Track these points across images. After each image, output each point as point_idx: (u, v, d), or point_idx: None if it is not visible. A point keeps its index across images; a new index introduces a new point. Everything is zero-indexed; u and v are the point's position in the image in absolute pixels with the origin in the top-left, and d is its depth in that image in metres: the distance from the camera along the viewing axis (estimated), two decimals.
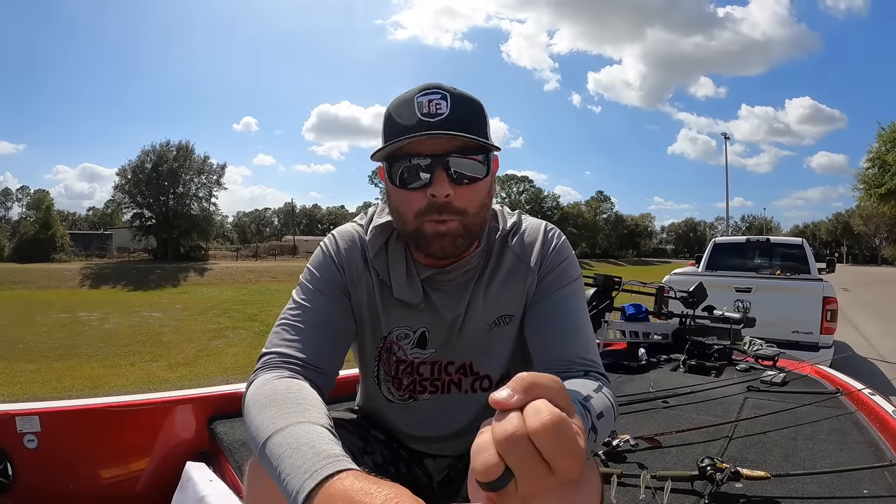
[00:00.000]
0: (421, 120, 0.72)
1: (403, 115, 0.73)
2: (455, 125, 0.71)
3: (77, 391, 5.17)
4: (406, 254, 0.84)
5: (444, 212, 0.74)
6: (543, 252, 0.86)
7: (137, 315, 11.98)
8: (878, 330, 7.66)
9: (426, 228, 0.75)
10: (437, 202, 0.73)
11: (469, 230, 0.77)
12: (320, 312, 0.80)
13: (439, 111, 0.72)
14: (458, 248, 0.77)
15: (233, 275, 24.26)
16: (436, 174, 0.72)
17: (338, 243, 0.86)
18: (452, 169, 0.73)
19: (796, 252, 5.91)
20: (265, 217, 78.52)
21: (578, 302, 0.84)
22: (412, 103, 0.73)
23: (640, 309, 2.99)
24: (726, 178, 27.84)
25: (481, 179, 0.76)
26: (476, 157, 0.74)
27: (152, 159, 33.47)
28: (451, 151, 0.72)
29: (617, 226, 70.08)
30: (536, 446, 0.39)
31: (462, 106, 0.74)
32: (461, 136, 0.71)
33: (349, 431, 0.86)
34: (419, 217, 0.75)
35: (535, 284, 0.85)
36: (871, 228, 58.00)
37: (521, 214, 0.92)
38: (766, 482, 1.15)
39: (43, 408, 1.32)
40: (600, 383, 0.73)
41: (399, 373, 0.89)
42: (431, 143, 0.72)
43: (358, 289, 0.85)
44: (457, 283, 0.85)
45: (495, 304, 0.85)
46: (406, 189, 0.75)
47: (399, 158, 0.74)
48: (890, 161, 18.26)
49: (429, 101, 0.73)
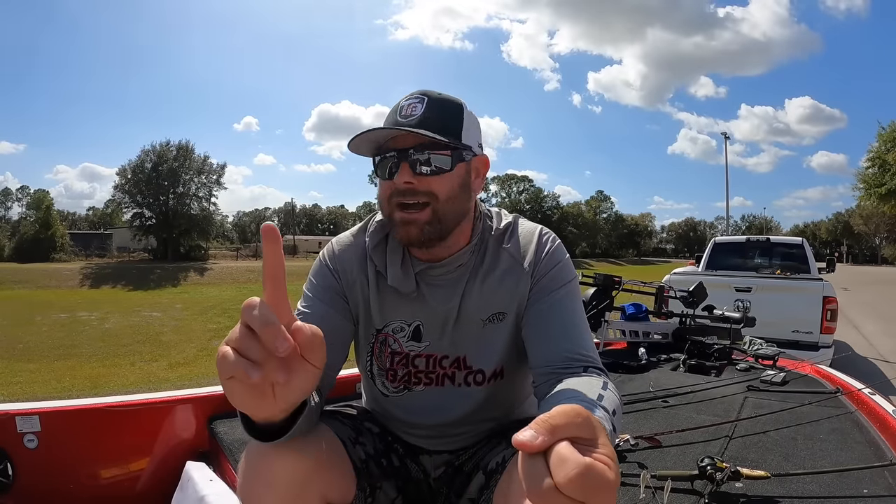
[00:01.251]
0: (396, 120, 0.82)
1: (389, 116, 0.85)
2: (422, 125, 0.80)
3: (77, 391, 5.17)
4: (403, 249, 0.90)
5: (407, 195, 0.82)
6: (537, 256, 0.89)
7: (137, 315, 11.98)
8: (878, 329, 7.66)
9: (395, 217, 0.84)
10: (399, 188, 0.82)
11: (440, 218, 0.83)
12: (317, 316, 0.86)
13: (413, 112, 0.82)
14: (426, 236, 0.83)
15: (233, 274, 24.27)
16: (400, 166, 0.82)
17: (334, 250, 0.93)
18: (414, 161, 0.82)
19: (796, 252, 5.90)
20: (265, 217, 78.43)
21: (574, 302, 0.88)
22: (398, 105, 0.84)
23: (640, 308, 2.99)
24: (726, 177, 27.83)
25: (444, 173, 0.83)
26: (441, 152, 0.82)
27: (152, 159, 33.49)
28: (413, 147, 0.81)
29: (617, 225, 70.09)
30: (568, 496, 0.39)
31: (436, 108, 0.83)
32: (420, 134, 0.80)
33: (341, 422, 0.88)
34: (390, 203, 0.84)
35: (528, 287, 0.88)
36: (871, 228, 58.01)
37: (518, 218, 0.96)
38: (766, 482, 1.15)
39: (43, 408, 1.32)
40: (604, 380, 0.74)
41: (394, 364, 0.93)
42: (401, 139, 0.82)
43: (354, 289, 0.91)
44: (449, 277, 0.90)
45: (489, 301, 0.89)
46: (382, 179, 0.85)
47: (379, 154, 0.85)
48: (890, 161, 18.24)
49: (409, 104, 0.83)
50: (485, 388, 0.91)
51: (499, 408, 0.95)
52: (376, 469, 0.87)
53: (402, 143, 0.82)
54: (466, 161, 0.86)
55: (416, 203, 0.82)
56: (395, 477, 0.92)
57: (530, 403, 1.02)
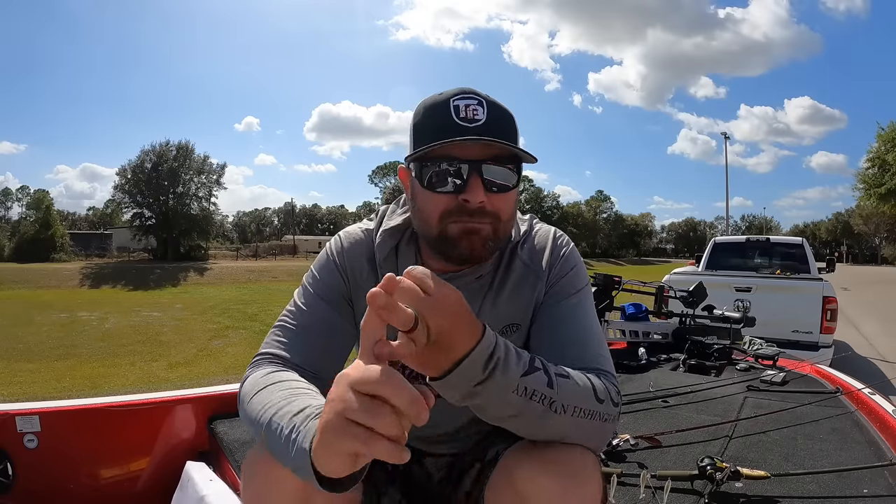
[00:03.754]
0: (458, 124, 0.71)
1: (439, 118, 0.72)
2: (492, 132, 0.71)
3: (77, 391, 5.17)
4: (417, 259, 0.83)
5: (475, 216, 0.73)
6: (552, 260, 0.85)
7: (137, 315, 11.98)
8: (878, 329, 7.66)
9: (452, 229, 0.74)
10: (468, 207, 0.72)
11: (499, 236, 0.76)
12: (317, 317, 0.80)
13: (476, 117, 0.71)
14: (487, 251, 0.76)
15: (233, 274, 24.27)
16: (471, 180, 0.71)
17: (343, 246, 0.85)
18: (486, 176, 0.72)
19: (796, 251, 5.90)
20: (265, 217, 78.57)
21: (587, 310, 0.83)
22: (447, 106, 0.72)
23: (640, 308, 2.99)
24: (726, 177, 27.85)
25: (511, 189, 0.75)
26: (509, 167, 0.74)
27: (152, 159, 33.47)
28: (487, 159, 0.72)
29: (617, 225, 70.11)
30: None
31: (498, 114, 0.74)
32: (500, 144, 0.71)
33: None
34: (444, 219, 0.74)
35: (543, 292, 0.83)
36: (871, 228, 58.00)
37: (533, 219, 0.91)
38: (765, 482, 1.15)
39: (43, 408, 1.32)
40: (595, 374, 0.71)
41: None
42: (467, 148, 0.71)
43: (362, 294, 0.83)
44: (468, 289, 0.82)
45: (503, 313, 0.84)
46: (435, 192, 0.73)
47: (432, 161, 0.73)
48: (890, 161, 18.24)
49: (465, 105, 0.72)
50: None
51: None
52: (381, 474, 0.85)
53: (470, 153, 0.71)
54: (521, 174, 0.77)
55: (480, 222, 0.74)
56: (399, 481, 0.90)
57: None
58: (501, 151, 0.72)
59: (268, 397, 0.65)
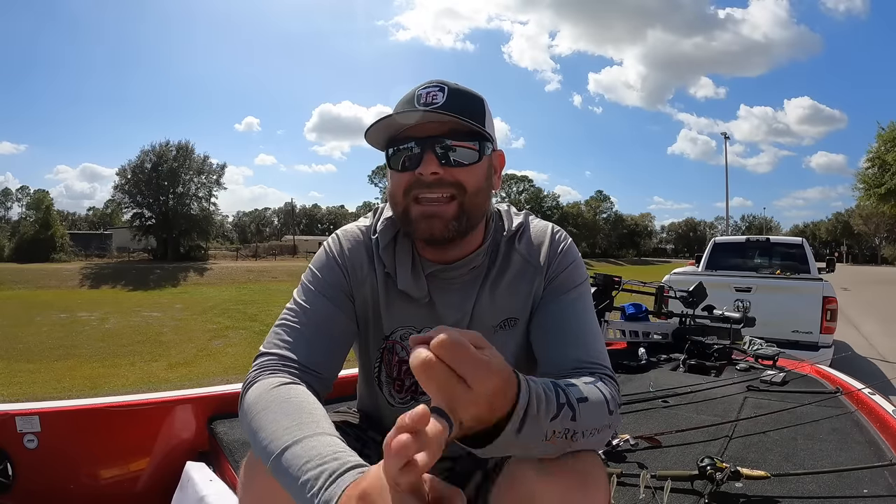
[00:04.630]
0: (415, 108, 0.76)
1: (404, 105, 0.78)
2: (447, 112, 0.75)
3: (77, 391, 5.17)
4: (413, 249, 0.85)
5: (433, 187, 0.76)
6: (551, 255, 0.85)
7: (137, 315, 11.98)
8: (878, 329, 7.66)
9: (413, 211, 0.78)
10: (423, 179, 0.76)
11: (466, 213, 0.78)
12: (321, 315, 0.80)
13: (434, 100, 0.76)
14: (451, 232, 0.78)
15: (232, 275, 24.26)
16: (425, 155, 0.76)
17: (342, 244, 0.86)
18: (440, 150, 0.76)
19: (796, 252, 5.90)
20: (265, 217, 78.54)
21: (586, 305, 0.84)
22: (413, 95, 0.78)
23: (640, 308, 2.99)
24: (726, 177, 27.85)
25: (472, 164, 0.78)
26: (466, 144, 0.77)
27: (152, 159, 33.46)
28: (440, 135, 0.76)
29: (617, 225, 70.10)
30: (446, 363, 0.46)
31: (458, 97, 0.77)
32: (449, 119, 0.74)
33: (346, 433, 0.83)
34: (406, 196, 0.78)
35: (542, 287, 0.84)
36: (871, 228, 58.00)
37: (528, 215, 0.92)
38: (765, 482, 1.15)
39: (43, 408, 1.32)
40: (598, 379, 0.72)
41: (401, 374, 0.88)
42: (425, 128, 0.76)
43: (362, 289, 0.85)
44: (462, 280, 0.85)
45: (501, 307, 0.85)
46: (398, 171, 0.79)
47: (395, 143, 0.78)
48: (890, 161, 18.23)
49: (427, 92, 0.77)
50: None
51: None
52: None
53: (425, 132, 0.76)
54: (489, 154, 0.80)
55: (439, 197, 0.76)
56: None
57: None
58: (457, 127, 0.76)
59: (279, 421, 0.63)
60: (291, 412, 0.64)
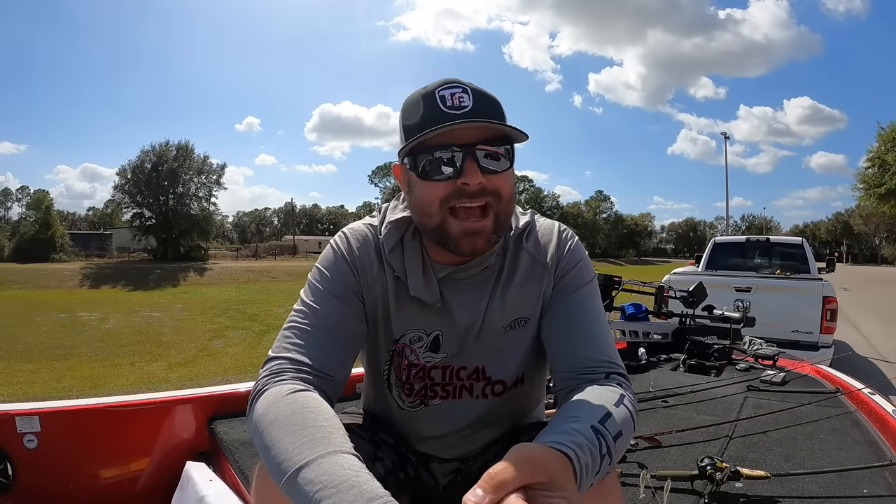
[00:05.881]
0: (446, 112, 0.72)
1: (427, 109, 0.73)
2: (479, 117, 0.72)
3: (77, 391, 5.17)
4: (422, 251, 0.82)
5: (475, 198, 0.73)
6: (559, 253, 0.85)
7: (137, 315, 11.97)
8: (878, 329, 7.66)
9: (452, 227, 0.74)
10: (468, 190, 0.73)
11: (500, 222, 0.76)
12: (331, 316, 0.78)
13: (463, 104, 0.73)
14: (492, 245, 0.77)
15: (232, 275, 24.26)
16: (467, 163, 0.72)
17: (350, 242, 0.83)
18: (480, 157, 0.73)
19: (796, 251, 5.90)
20: (265, 217, 78.57)
21: (595, 303, 0.83)
22: (433, 97, 0.73)
23: (640, 308, 2.99)
24: (726, 177, 27.88)
25: (506, 170, 0.76)
26: (500, 150, 0.75)
27: (152, 159, 33.48)
28: (479, 141, 0.73)
29: (617, 225, 70.07)
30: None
31: (483, 98, 0.75)
32: (489, 124, 0.72)
33: (359, 437, 0.80)
34: (443, 206, 0.74)
35: (551, 286, 0.84)
36: (871, 228, 58.00)
37: (535, 214, 0.91)
38: (765, 482, 1.15)
39: (43, 408, 1.32)
40: (622, 391, 0.71)
41: (411, 377, 0.87)
42: (459, 133, 0.72)
43: (373, 290, 0.83)
44: (475, 281, 0.83)
45: (511, 307, 0.84)
46: (432, 180, 0.74)
47: (425, 150, 0.73)
48: (890, 161, 18.23)
49: (451, 94, 0.73)
50: (505, 397, 0.87)
51: (514, 413, 0.92)
52: (394, 485, 0.82)
53: (461, 138, 0.72)
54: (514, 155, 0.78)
55: (476, 207, 0.74)
56: (409, 489, 0.88)
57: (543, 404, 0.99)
58: (492, 133, 0.73)
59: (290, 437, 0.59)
60: (303, 426, 0.61)
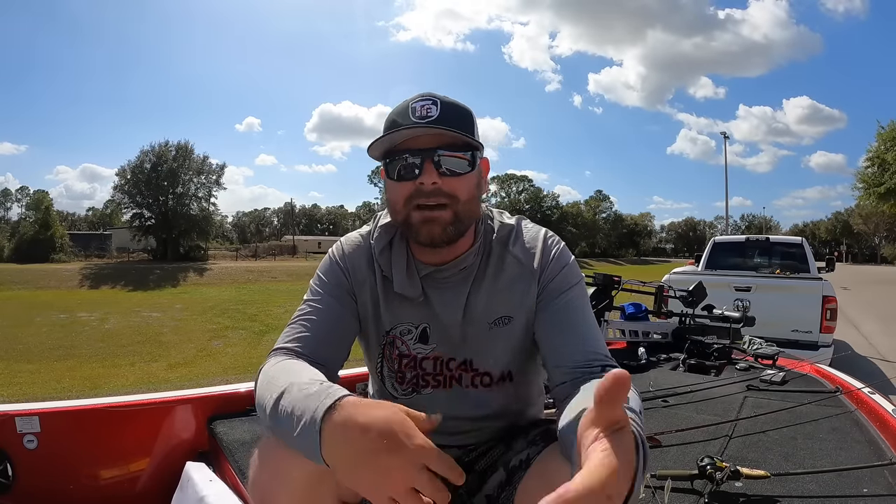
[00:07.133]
0: (412, 121, 0.82)
1: (399, 118, 0.84)
2: (443, 125, 0.81)
3: (77, 391, 5.17)
4: (408, 252, 0.91)
5: (431, 196, 0.82)
6: (545, 259, 0.90)
7: (137, 315, 11.97)
8: (878, 329, 7.66)
9: (414, 217, 0.84)
10: (424, 189, 0.82)
11: (459, 218, 0.84)
12: (327, 312, 0.88)
13: (429, 114, 0.82)
14: (448, 235, 0.84)
15: (232, 275, 24.26)
16: (424, 165, 0.82)
17: (343, 249, 0.94)
18: (438, 161, 0.82)
19: (796, 251, 5.91)
20: (265, 217, 78.57)
21: (583, 303, 0.89)
22: (407, 108, 0.84)
23: (640, 308, 2.99)
24: (726, 177, 27.85)
25: (465, 174, 0.84)
26: (460, 155, 0.84)
27: (151, 159, 33.47)
28: (438, 147, 0.82)
29: (616, 225, 70.12)
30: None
31: (450, 111, 0.83)
32: (445, 132, 0.81)
33: None
34: (408, 204, 0.84)
35: (537, 292, 0.88)
36: (871, 227, 58.06)
37: (521, 220, 0.96)
38: (765, 481, 1.15)
39: (43, 408, 1.32)
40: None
41: (402, 367, 0.93)
42: (422, 140, 0.82)
43: (363, 289, 0.92)
44: (454, 280, 0.90)
45: (495, 305, 0.90)
46: (398, 181, 0.85)
47: (395, 155, 0.84)
48: (889, 160, 18.21)
49: (421, 105, 0.83)
50: (493, 389, 0.92)
51: (510, 408, 0.95)
52: None
53: (423, 144, 0.82)
54: (478, 164, 0.87)
55: (436, 204, 0.83)
56: None
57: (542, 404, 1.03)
58: (452, 140, 0.83)
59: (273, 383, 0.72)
60: (285, 371, 0.74)
